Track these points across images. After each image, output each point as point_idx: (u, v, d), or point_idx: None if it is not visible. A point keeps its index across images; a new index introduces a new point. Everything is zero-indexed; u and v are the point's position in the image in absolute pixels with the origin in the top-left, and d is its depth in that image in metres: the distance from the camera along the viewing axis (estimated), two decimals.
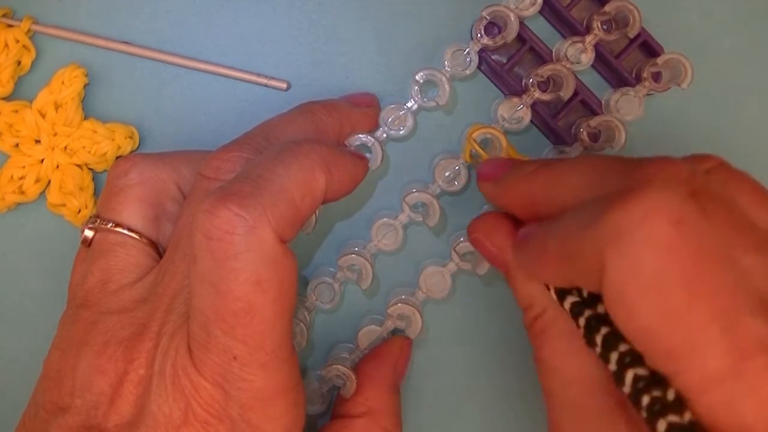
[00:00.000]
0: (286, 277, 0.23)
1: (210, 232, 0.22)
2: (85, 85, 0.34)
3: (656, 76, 0.32)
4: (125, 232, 0.27)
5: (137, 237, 0.27)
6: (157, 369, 0.24)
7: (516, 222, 0.27)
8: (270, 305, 0.23)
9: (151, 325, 0.25)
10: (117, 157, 0.34)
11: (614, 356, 0.21)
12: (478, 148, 0.29)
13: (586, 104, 0.33)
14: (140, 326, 0.25)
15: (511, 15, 0.31)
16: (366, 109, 0.32)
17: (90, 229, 0.28)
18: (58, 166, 0.33)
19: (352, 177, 0.27)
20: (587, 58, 0.32)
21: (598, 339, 0.21)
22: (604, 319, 0.22)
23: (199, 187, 0.26)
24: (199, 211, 0.23)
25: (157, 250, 0.28)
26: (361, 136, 0.31)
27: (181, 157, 0.29)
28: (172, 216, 0.29)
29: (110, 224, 0.27)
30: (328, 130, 0.30)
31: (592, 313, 0.22)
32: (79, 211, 0.33)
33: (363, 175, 0.29)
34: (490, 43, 0.32)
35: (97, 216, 0.28)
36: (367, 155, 0.32)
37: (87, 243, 0.28)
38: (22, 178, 0.33)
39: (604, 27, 0.32)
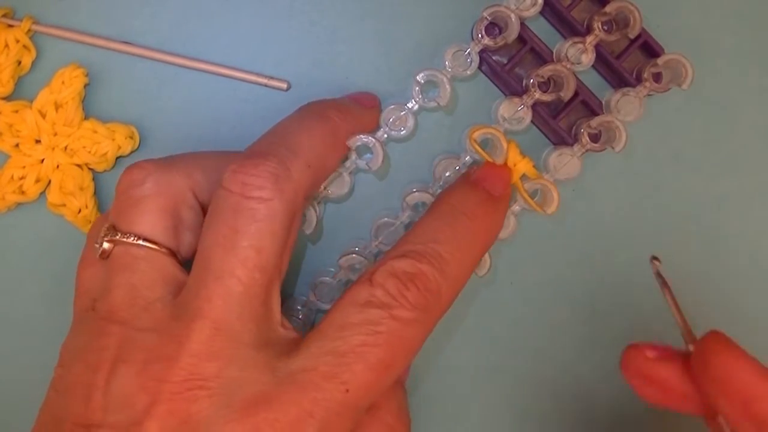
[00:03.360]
0: None
1: None
2: (86, 85, 0.33)
3: (657, 77, 0.32)
4: (149, 245, 0.27)
5: (160, 249, 0.27)
6: (218, 391, 0.24)
7: None
8: None
9: (188, 343, 0.24)
10: (117, 157, 0.34)
11: None
12: (478, 148, 0.29)
13: (587, 105, 0.33)
14: (178, 345, 0.24)
15: (512, 15, 0.31)
16: (370, 110, 0.32)
17: (109, 241, 0.27)
18: (58, 166, 0.33)
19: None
20: (588, 58, 0.32)
21: None
22: None
23: (227, 205, 0.26)
24: None
25: (178, 259, 0.28)
26: (362, 136, 0.31)
27: (193, 162, 0.29)
28: (189, 223, 0.28)
29: (132, 237, 0.27)
30: (344, 137, 0.30)
31: None
32: (80, 211, 0.33)
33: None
34: (491, 43, 0.32)
35: (114, 228, 0.27)
36: (368, 156, 0.32)
37: (105, 255, 0.27)
38: (22, 178, 0.33)
39: (605, 27, 0.32)
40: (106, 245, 0.27)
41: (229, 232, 0.25)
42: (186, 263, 0.27)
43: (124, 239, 0.27)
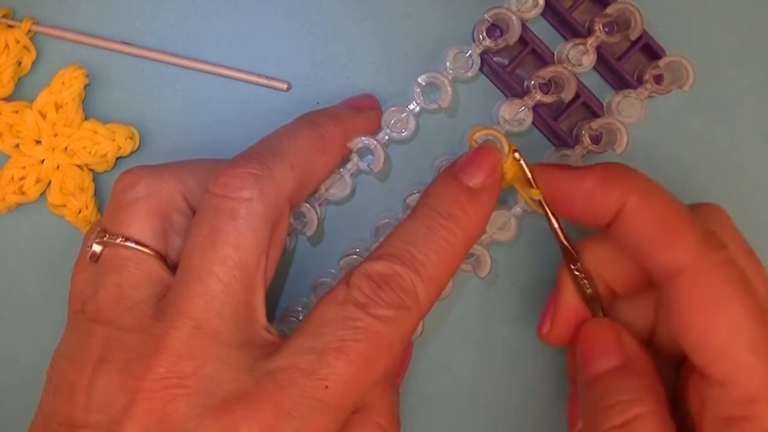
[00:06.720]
0: None
1: None
2: (86, 86, 0.33)
3: (658, 79, 0.32)
4: (136, 247, 0.27)
5: (148, 251, 0.27)
6: (196, 389, 0.24)
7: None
8: None
9: (167, 342, 0.25)
10: (118, 158, 0.34)
11: None
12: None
13: (588, 106, 0.33)
14: (158, 344, 0.25)
15: (513, 17, 0.31)
16: (368, 112, 0.32)
17: (98, 243, 0.27)
18: (58, 167, 0.33)
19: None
20: (589, 60, 0.32)
21: None
22: None
23: (209, 206, 0.26)
24: None
25: (166, 262, 0.28)
26: (363, 138, 0.31)
27: (186, 168, 0.29)
28: (179, 228, 0.28)
29: (120, 239, 0.27)
30: (334, 141, 0.30)
31: None
32: (80, 211, 0.33)
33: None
34: (492, 45, 0.32)
35: (104, 230, 0.28)
36: (369, 158, 0.32)
37: (95, 258, 0.28)
38: (22, 178, 0.33)
39: (606, 29, 0.32)
40: (96, 248, 0.27)
41: (209, 231, 0.26)
42: (175, 267, 0.27)
43: (113, 241, 0.27)
